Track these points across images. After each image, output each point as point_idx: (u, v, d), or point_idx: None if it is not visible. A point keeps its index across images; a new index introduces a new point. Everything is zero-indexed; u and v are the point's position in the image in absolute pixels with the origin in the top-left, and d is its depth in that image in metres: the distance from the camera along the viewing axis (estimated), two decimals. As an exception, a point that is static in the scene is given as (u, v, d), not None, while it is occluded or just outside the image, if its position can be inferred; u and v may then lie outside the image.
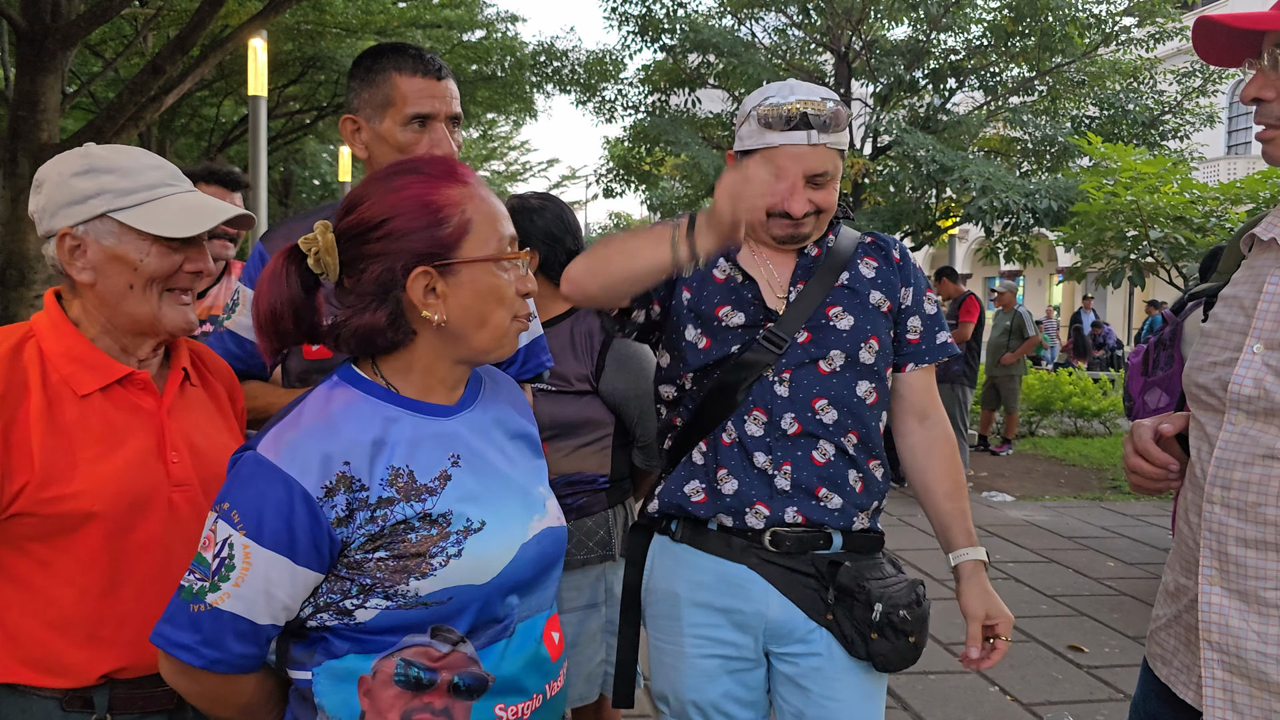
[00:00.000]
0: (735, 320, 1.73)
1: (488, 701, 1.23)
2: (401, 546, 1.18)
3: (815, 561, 1.70)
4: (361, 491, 1.17)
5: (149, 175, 1.40)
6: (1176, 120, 15.42)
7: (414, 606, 1.18)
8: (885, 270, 1.82)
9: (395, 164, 1.27)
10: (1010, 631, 1.73)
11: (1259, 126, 1.37)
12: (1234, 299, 1.38)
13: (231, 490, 1.17)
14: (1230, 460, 1.30)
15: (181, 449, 1.43)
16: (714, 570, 1.73)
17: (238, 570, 1.14)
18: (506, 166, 32.20)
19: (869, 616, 1.64)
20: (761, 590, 1.70)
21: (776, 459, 1.70)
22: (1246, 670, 1.28)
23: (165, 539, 1.39)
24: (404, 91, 1.72)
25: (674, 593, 1.76)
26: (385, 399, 1.24)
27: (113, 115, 8.98)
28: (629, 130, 17.75)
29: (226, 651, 1.16)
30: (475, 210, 1.23)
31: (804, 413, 1.70)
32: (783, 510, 1.69)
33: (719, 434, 1.72)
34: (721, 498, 1.71)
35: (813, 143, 1.68)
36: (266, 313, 1.23)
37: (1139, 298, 21.72)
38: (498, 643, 1.25)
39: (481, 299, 1.24)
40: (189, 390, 1.51)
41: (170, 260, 1.40)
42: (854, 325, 1.74)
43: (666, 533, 1.80)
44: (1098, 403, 11.27)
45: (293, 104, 18.62)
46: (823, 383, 1.72)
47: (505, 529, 1.25)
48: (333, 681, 1.19)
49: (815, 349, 1.72)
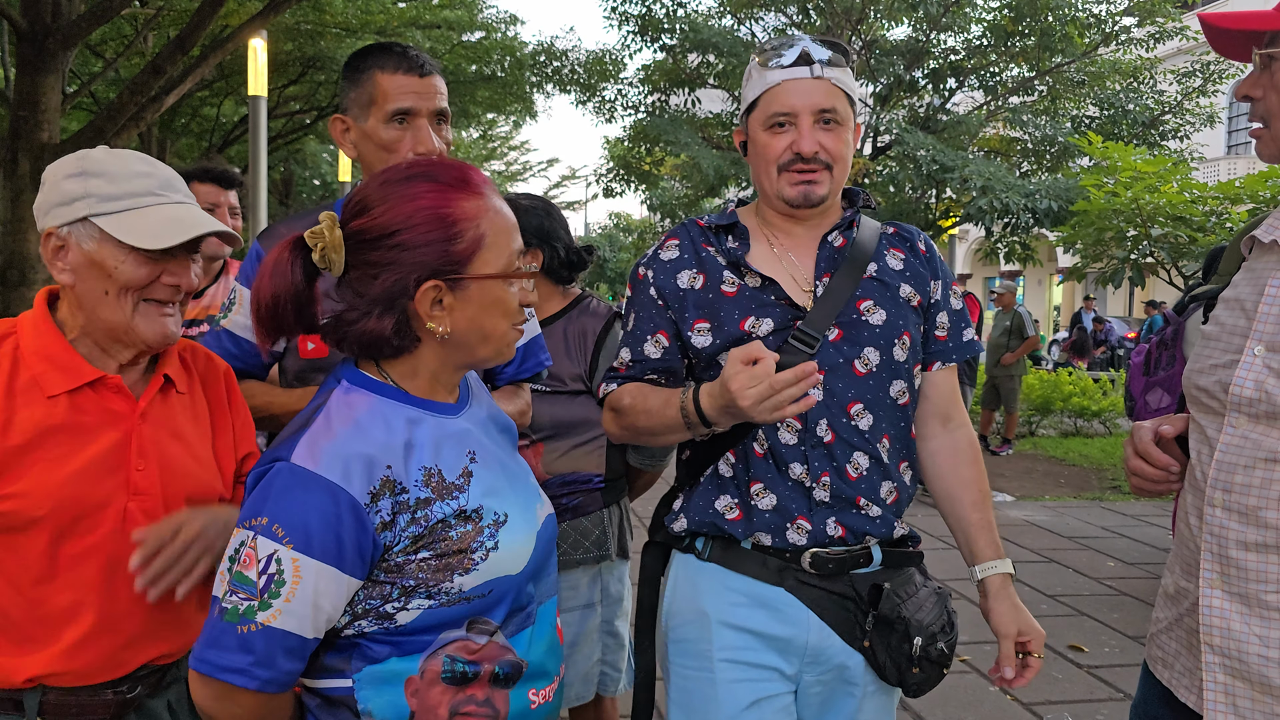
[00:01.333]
0: (765, 328, 1.61)
1: (522, 688, 1.25)
2: (443, 545, 1.18)
3: (855, 583, 1.60)
4: (402, 494, 1.17)
5: (136, 183, 1.38)
6: (1176, 120, 15.42)
7: (457, 603, 1.19)
8: (913, 262, 1.72)
9: (409, 167, 1.25)
10: (1042, 648, 1.64)
11: (1252, 124, 1.39)
12: (1234, 301, 1.38)
13: (267, 503, 1.14)
14: (1231, 463, 1.30)
15: (150, 456, 1.40)
16: (749, 591, 1.61)
17: (288, 586, 1.12)
18: (506, 166, 32.19)
19: (907, 650, 1.57)
20: (801, 614, 1.59)
21: (814, 469, 1.58)
22: (1248, 674, 1.28)
23: (112, 548, 1.36)
24: (385, 89, 1.72)
25: (703, 612, 1.62)
26: (402, 400, 1.24)
27: (113, 115, 8.97)
28: (629, 130, 17.75)
29: (278, 670, 1.14)
30: (489, 225, 1.23)
31: (839, 418, 1.59)
32: (824, 523, 1.59)
33: (749, 444, 1.60)
34: (760, 513, 1.59)
35: (816, 75, 1.60)
36: (268, 303, 1.22)
37: (1139, 297, 21.73)
38: (524, 630, 1.27)
39: (487, 313, 1.23)
40: (173, 397, 1.48)
41: (145, 271, 1.37)
42: (887, 320, 1.63)
43: (691, 550, 1.67)
44: (1098, 403, 11.27)
45: (293, 104, 18.62)
46: (858, 385, 1.60)
47: (524, 518, 1.28)
48: (377, 686, 1.19)
49: (849, 347, 1.61)
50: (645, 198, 19.29)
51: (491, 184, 1.28)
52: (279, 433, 1.32)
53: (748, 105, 1.67)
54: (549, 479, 2.33)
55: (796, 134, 1.61)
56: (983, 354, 9.41)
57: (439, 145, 1.75)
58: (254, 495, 1.16)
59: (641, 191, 19.12)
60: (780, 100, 1.61)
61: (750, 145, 1.68)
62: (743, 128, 1.71)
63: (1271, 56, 1.33)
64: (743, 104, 1.69)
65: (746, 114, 1.68)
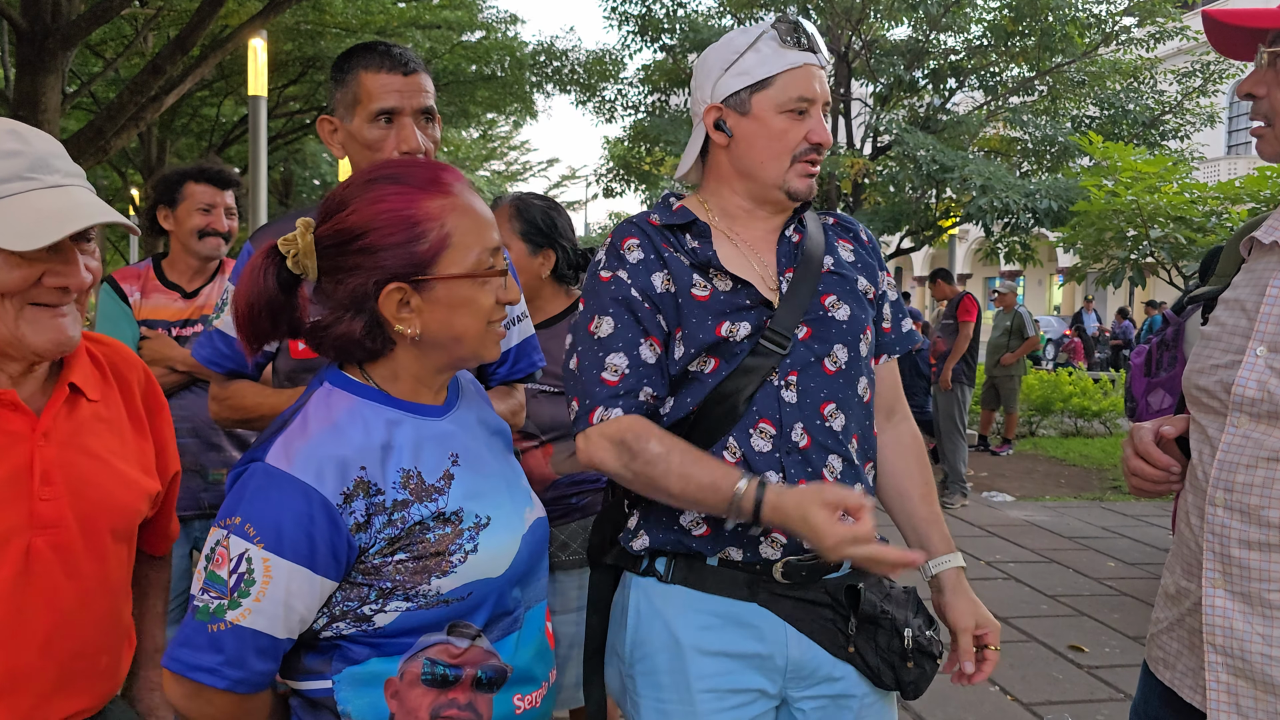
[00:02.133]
0: (742, 331, 1.50)
1: (507, 692, 1.25)
2: (420, 547, 1.18)
3: (829, 588, 1.52)
4: (378, 496, 1.17)
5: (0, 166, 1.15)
6: (1177, 120, 15.43)
7: (435, 605, 1.19)
8: (861, 253, 1.66)
9: (377, 169, 1.24)
10: (999, 640, 1.60)
11: (1254, 122, 1.38)
12: (1235, 302, 1.38)
13: (241, 503, 1.14)
14: (1233, 463, 1.30)
15: (57, 482, 1.22)
16: (719, 611, 1.50)
17: (258, 585, 1.12)
18: (506, 166, 32.22)
19: (899, 645, 1.52)
20: (777, 628, 1.50)
21: (791, 476, 1.48)
22: (1251, 673, 1.27)
23: (14, 592, 1.18)
24: (369, 88, 1.72)
25: (674, 640, 1.50)
26: (383, 402, 1.24)
27: (113, 115, 8.98)
28: (629, 130, 17.76)
29: (249, 670, 1.14)
30: (455, 223, 1.21)
31: (813, 420, 1.51)
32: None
33: (719, 452, 1.49)
34: (731, 528, 1.49)
35: (821, 64, 1.54)
36: (244, 309, 1.22)
37: (1139, 298, 21.72)
38: (510, 635, 1.27)
39: (457, 313, 1.22)
40: (83, 408, 1.29)
41: (20, 274, 1.16)
42: (851, 315, 1.57)
43: (651, 573, 1.54)
44: (1098, 403, 11.27)
45: (293, 104, 18.62)
46: (829, 384, 1.53)
47: (508, 522, 1.27)
48: (357, 687, 1.19)
49: (818, 345, 1.53)
50: (645, 198, 19.30)
51: (466, 183, 1.26)
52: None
53: (755, 82, 1.52)
54: (559, 479, 2.35)
55: (813, 123, 1.53)
56: (981, 354, 9.41)
57: (424, 144, 1.74)
58: (230, 495, 1.17)
59: (641, 191, 19.13)
60: (804, 84, 1.51)
61: (750, 126, 1.54)
62: (734, 106, 1.54)
63: (1277, 54, 1.32)
64: (740, 78, 1.53)
65: (752, 91, 1.52)
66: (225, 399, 1.80)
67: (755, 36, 1.54)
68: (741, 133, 1.54)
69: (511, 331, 1.91)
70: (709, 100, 1.56)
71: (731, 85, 1.53)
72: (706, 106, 1.56)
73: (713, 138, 1.57)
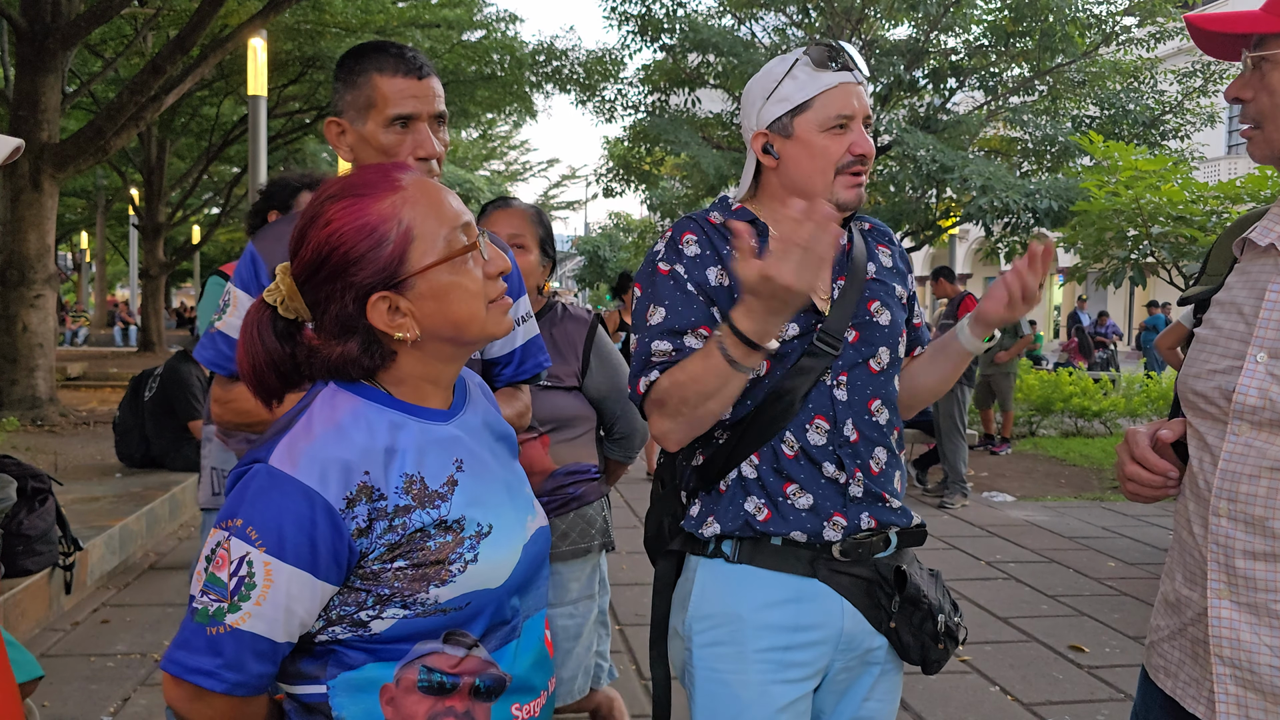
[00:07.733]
0: (790, 331, 1.62)
1: (505, 702, 1.24)
2: (420, 555, 1.17)
3: (879, 567, 1.64)
4: (380, 501, 1.16)
5: None
6: (1177, 120, 15.43)
7: (433, 614, 1.17)
8: (897, 259, 1.81)
9: (321, 192, 1.22)
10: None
11: (1244, 125, 1.37)
12: (1230, 305, 1.36)
13: (243, 505, 1.13)
14: (1236, 472, 1.28)
15: None
16: (782, 586, 1.62)
17: (259, 588, 1.11)
18: (506, 166, 32.24)
19: (932, 628, 1.63)
20: (834, 603, 1.63)
21: (848, 467, 1.62)
22: (1261, 685, 1.26)
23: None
24: (385, 92, 1.69)
25: (736, 615, 1.62)
26: (388, 404, 1.23)
27: (113, 115, 8.97)
28: (629, 130, 17.76)
29: (248, 673, 1.13)
30: (412, 214, 1.18)
31: (862, 416, 1.65)
32: (858, 517, 1.63)
33: (777, 446, 1.62)
34: (795, 513, 1.61)
35: (858, 81, 1.64)
36: (248, 371, 1.20)
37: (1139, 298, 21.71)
38: (509, 644, 1.25)
39: (448, 301, 1.20)
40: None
41: None
42: (892, 320, 1.71)
43: (719, 555, 1.66)
44: (1098, 403, 11.27)
45: (293, 104, 18.62)
46: (875, 383, 1.67)
47: (510, 531, 1.26)
48: (352, 693, 1.18)
49: (865, 348, 1.67)
50: (645, 198, 19.30)
51: (413, 170, 1.24)
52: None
53: (795, 107, 1.64)
54: (557, 470, 2.43)
55: (854, 136, 1.63)
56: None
57: (438, 148, 1.73)
58: (231, 496, 1.15)
59: (641, 191, 19.13)
60: (842, 102, 1.62)
61: (795, 147, 1.65)
62: (778, 131, 1.66)
63: (1262, 58, 1.31)
64: (780, 104, 1.65)
65: (792, 115, 1.64)
66: (228, 401, 1.78)
67: (790, 64, 1.66)
68: (787, 154, 1.67)
69: (516, 331, 1.90)
70: (755, 128, 1.69)
71: (774, 112, 1.66)
72: (754, 134, 1.69)
73: (762, 161, 1.70)
